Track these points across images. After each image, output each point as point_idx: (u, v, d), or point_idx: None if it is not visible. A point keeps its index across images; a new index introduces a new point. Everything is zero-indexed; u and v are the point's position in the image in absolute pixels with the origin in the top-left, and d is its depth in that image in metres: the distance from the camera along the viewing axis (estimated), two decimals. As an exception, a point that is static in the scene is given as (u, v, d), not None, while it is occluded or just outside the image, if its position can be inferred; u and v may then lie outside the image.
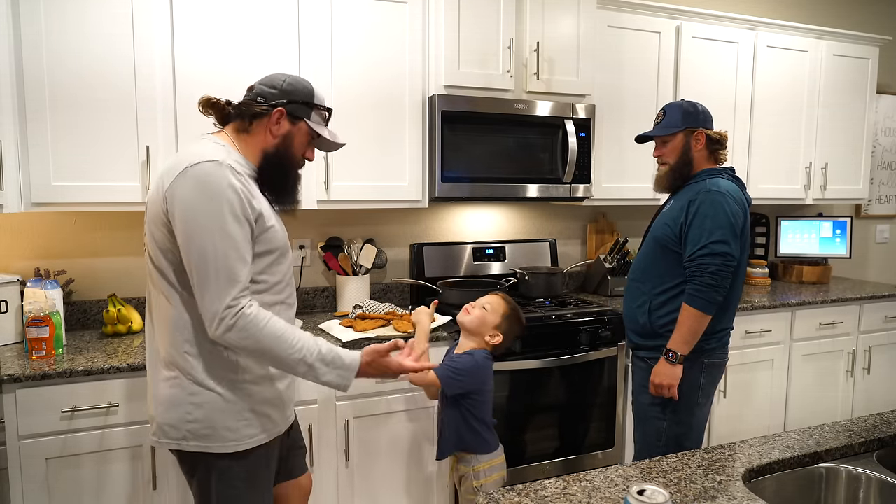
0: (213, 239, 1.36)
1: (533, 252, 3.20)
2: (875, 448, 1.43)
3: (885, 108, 4.18)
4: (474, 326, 1.97)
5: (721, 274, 1.99)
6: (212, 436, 1.44)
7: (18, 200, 2.06)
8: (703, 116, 2.17)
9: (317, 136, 1.60)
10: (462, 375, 1.89)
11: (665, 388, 2.08)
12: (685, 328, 2.03)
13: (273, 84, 1.54)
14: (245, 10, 2.27)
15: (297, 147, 1.57)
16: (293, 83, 1.56)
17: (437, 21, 2.54)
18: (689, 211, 2.05)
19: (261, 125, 1.53)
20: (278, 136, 1.54)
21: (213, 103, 1.55)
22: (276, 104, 1.52)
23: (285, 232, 1.59)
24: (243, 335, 1.38)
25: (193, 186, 1.36)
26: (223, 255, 1.36)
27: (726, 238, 2.00)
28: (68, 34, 2.06)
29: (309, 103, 1.56)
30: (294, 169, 1.60)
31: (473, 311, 1.98)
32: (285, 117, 1.53)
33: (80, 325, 2.46)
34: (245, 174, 1.45)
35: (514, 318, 2.01)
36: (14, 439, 1.85)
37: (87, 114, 2.11)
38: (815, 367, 3.25)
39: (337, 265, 2.76)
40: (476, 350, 1.96)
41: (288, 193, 1.59)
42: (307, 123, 1.56)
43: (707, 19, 3.13)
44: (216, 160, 1.38)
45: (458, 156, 2.59)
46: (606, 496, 1.16)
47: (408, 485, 2.41)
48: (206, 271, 1.36)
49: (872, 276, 4.36)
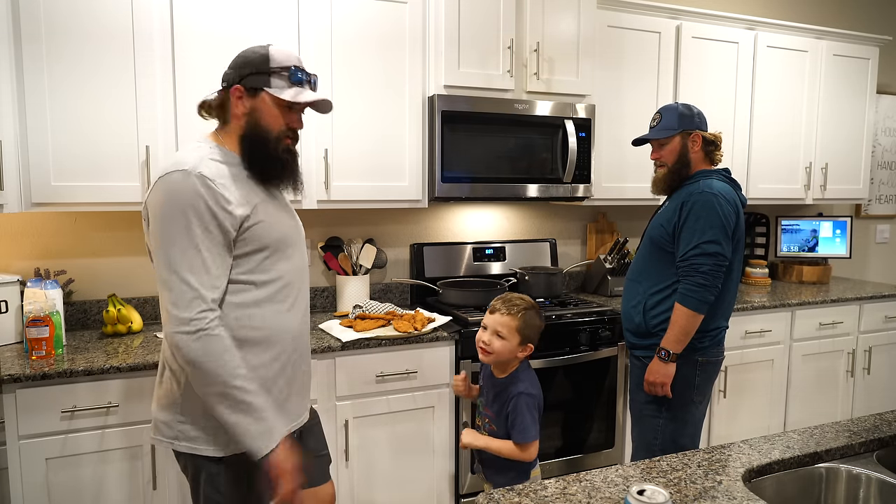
0: (178, 249, 1.34)
1: (533, 252, 3.20)
2: (875, 448, 1.43)
3: (885, 108, 4.18)
4: (504, 358, 1.82)
5: (713, 273, 2.01)
6: (200, 438, 1.43)
7: (18, 200, 2.05)
8: (699, 118, 2.19)
9: (287, 103, 1.48)
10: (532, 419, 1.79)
11: (658, 385, 2.10)
12: (677, 327, 2.05)
13: (232, 64, 1.49)
14: (245, 12, 2.27)
15: (267, 120, 1.48)
16: (244, 54, 1.48)
17: (437, 21, 2.54)
18: (682, 211, 2.08)
19: (229, 111, 1.49)
20: (243, 116, 1.48)
21: (202, 103, 1.54)
22: (230, 83, 1.48)
23: (290, 226, 1.55)
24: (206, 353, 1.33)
25: (161, 197, 1.36)
26: (183, 269, 1.33)
27: (718, 238, 2.01)
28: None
29: (264, 71, 1.46)
30: (273, 143, 1.49)
31: (493, 344, 1.80)
32: (245, 94, 1.47)
33: (80, 325, 2.46)
34: (225, 172, 1.42)
35: (531, 323, 1.83)
36: (14, 439, 1.85)
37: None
38: (815, 367, 3.25)
39: (337, 265, 2.76)
40: (517, 376, 1.84)
41: (278, 172, 1.51)
42: (267, 92, 1.46)
43: (707, 19, 3.13)
44: (184, 169, 1.36)
45: (458, 156, 2.59)
46: (606, 496, 1.16)
47: (408, 485, 2.41)
48: (169, 281, 1.34)
49: (872, 276, 4.36)
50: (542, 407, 1.85)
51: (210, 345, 1.33)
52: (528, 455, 1.80)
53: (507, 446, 1.80)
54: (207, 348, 1.33)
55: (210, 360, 1.33)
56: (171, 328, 1.34)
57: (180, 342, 1.33)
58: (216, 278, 1.38)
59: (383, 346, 2.30)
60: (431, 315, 2.51)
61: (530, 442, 1.79)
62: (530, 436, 1.78)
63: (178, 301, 1.33)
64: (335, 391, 2.26)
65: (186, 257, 1.34)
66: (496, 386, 1.87)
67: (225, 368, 1.34)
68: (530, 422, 1.79)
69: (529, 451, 1.80)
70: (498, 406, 1.85)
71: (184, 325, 1.33)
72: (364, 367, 2.29)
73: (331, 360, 2.25)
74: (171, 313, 1.34)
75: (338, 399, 2.27)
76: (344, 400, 2.28)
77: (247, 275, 1.44)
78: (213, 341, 1.34)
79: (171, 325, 1.34)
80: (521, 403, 1.79)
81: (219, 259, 1.38)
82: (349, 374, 2.27)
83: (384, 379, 2.32)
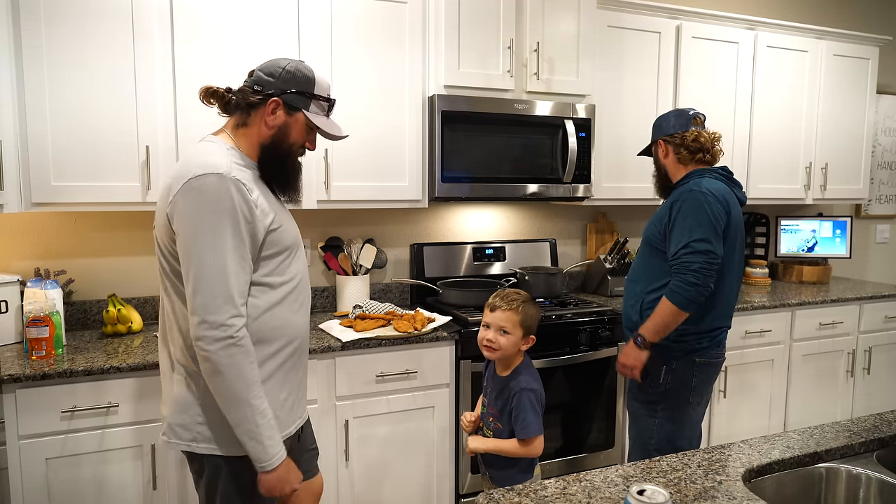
0: (213, 254, 1.34)
1: (533, 252, 3.20)
2: (875, 448, 1.43)
3: (885, 108, 4.18)
4: (509, 354, 1.86)
5: (704, 272, 2.00)
6: (220, 438, 1.44)
7: (18, 200, 2.05)
8: (667, 124, 2.23)
9: (315, 129, 1.56)
10: (535, 414, 1.80)
11: (628, 368, 2.13)
12: (659, 319, 2.05)
13: (271, 72, 1.50)
14: (245, 11, 2.27)
15: (294, 137, 1.53)
16: (292, 71, 1.50)
17: (437, 21, 2.54)
18: (672, 210, 2.09)
19: (257, 116, 1.50)
20: (273, 128, 1.50)
21: (213, 92, 1.53)
22: (272, 94, 1.49)
23: (296, 228, 1.58)
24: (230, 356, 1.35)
25: (195, 201, 1.35)
26: (220, 273, 1.34)
27: (707, 236, 2.01)
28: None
29: (308, 93, 1.51)
30: (291, 158, 1.55)
31: (499, 341, 1.83)
32: (281, 108, 1.49)
33: (80, 325, 2.46)
34: (249, 177, 1.44)
35: (531, 313, 1.87)
36: (14, 439, 1.85)
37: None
38: (815, 367, 3.25)
39: (337, 265, 2.76)
40: (518, 371, 1.86)
41: (289, 185, 1.57)
42: (305, 115, 1.52)
43: (707, 19, 3.13)
44: (219, 173, 1.36)
45: (458, 156, 2.59)
46: (606, 496, 1.16)
47: (408, 484, 2.41)
48: (200, 285, 1.34)
49: (872, 276, 4.36)
50: (544, 402, 1.86)
51: (236, 356, 1.35)
52: (534, 450, 1.81)
53: (512, 444, 1.82)
54: (233, 359, 1.35)
55: (232, 371, 1.35)
56: (200, 331, 1.34)
57: (207, 346, 1.34)
58: (244, 284, 1.40)
59: (383, 346, 2.30)
60: (431, 315, 2.52)
61: (533, 437, 1.80)
62: (533, 431, 1.79)
63: (208, 305, 1.34)
64: (335, 391, 2.26)
65: (220, 262, 1.35)
66: (499, 383, 1.89)
67: (244, 380, 1.36)
68: (533, 417, 1.80)
69: (534, 445, 1.81)
70: (501, 403, 1.86)
71: (213, 330, 1.34)
72: (364, 367, 2.29)
73: (331, 360, 2.25)
74: (202, 317, 1.34)
75: (338, 399, 2.27)
76: (344, 400, 2.28)
77: (266, 277, 1.47)
78: (239, 353, 1.36)
79: (199, 329, 1.34)
80: (524, 399, 1.80)
81: (247, 266, 1.41)
82: (349, 374, 2.27)
83: (384, 379, 2.32)
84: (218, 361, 1.34)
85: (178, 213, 1.37)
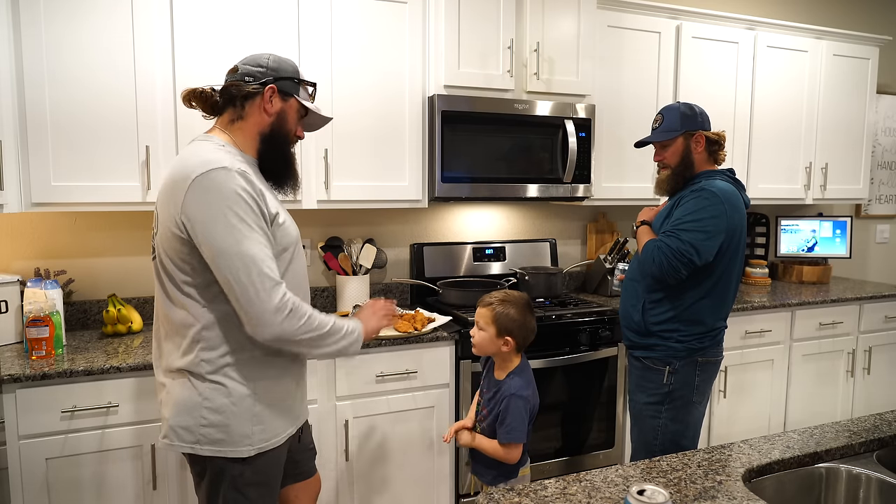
0: (239, 249, 1.35)
1: (533, 252, 3.20)
2: (875, 448, 1.43)
3: (885, 108, 4.18)
4: (484, 349, 1.88)
5: (680, 258, 1.98)
6: (225, 440, 1.43)
7: (18, 200, 2.05)
8: (701, 118, 2.17)
9: (306, 113, 1.61)
10: (520, 421, 1.80)
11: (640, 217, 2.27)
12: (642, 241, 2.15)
13: (258, 63, 1.54)
14: (245, 12, 2.27)
15: (290, 124, 1.57)
16: (278, 60, 1.55)
17: (437, 21, 2.54)
18: (681, 202, 2.09)
19: (253, 106, 1.52)
20: (273, 115, 1.54)
21: (199, 93, 1.53)
22: (266, 82, 1.52)
23: (296, 227, 1.59)
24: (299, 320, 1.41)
25: (206, 198, 1.35)
26: (257, 262, 1.36)
27: (699, 244, 1.99)
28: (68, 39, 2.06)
29: (296, 79, 1.57)
30: (290, 147, 1.60)
31: (475, 335, 1.88)
32: (277, 94, 1.53)
33: (80, 325, 2.46)
34: (251, 172, 1.44)
35: (507, 313, 1.84)
36: (14, 439, 1.85)
37: (89, 125, 2.11)
38: (815, 367, 3.25)
39: (337, 265, 2.76)
40: (512, 375, 1.87)
41: (289, 176, 1.61)
42: (297, 99, 1.57)
43: (707, 19, 3.13)
44: (224, 166, 1.37)
45: (458, 156, 2.59)
46: (606, 496, 1.16)
47: (408, 484, 2.41)
48: (245, 283, 1.35)
49: (872, 276, 4.36)
50: (535, 411, 1.87)
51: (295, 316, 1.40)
52: (510, 457, 1.82)
53: (493, 445, 1.84)
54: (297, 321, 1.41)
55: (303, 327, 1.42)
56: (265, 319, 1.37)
57: (275, 328, 1.38)
58: (273, 261, 1.42)
59: (383, 346, 2.30)
60: (431, 315, 2.51)
61: (514, 444, 1.81)
62: (515, 437, 1.80)
63: (261, 292, 1.36)
64: (335, 391, 2.26)
65: (250, 253, 1.36)
66: (494, 385, 1.90)
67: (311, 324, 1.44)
68: (517, 424, 1.80)
69: (512, 453, 1.82)
70: (493, 404, 1.88)
71: (276, 314, 1.37)
72: (364, 367, 2.29)
73: (331, 359, 2.25)
74: (259, 307, 1.36)
75: (338, 399, 2.27)
76: (344, 400, 2.28)
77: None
78: (296, 313, 1.41)
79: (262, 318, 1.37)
80: (512, 405, 1.81)
81: (270, 245, 1.43)
82: (349, 374, 2.27)
83: (384, 379, 2.32)
84: (289, 333, 1.40)
85: (193, 216, 1.36)
